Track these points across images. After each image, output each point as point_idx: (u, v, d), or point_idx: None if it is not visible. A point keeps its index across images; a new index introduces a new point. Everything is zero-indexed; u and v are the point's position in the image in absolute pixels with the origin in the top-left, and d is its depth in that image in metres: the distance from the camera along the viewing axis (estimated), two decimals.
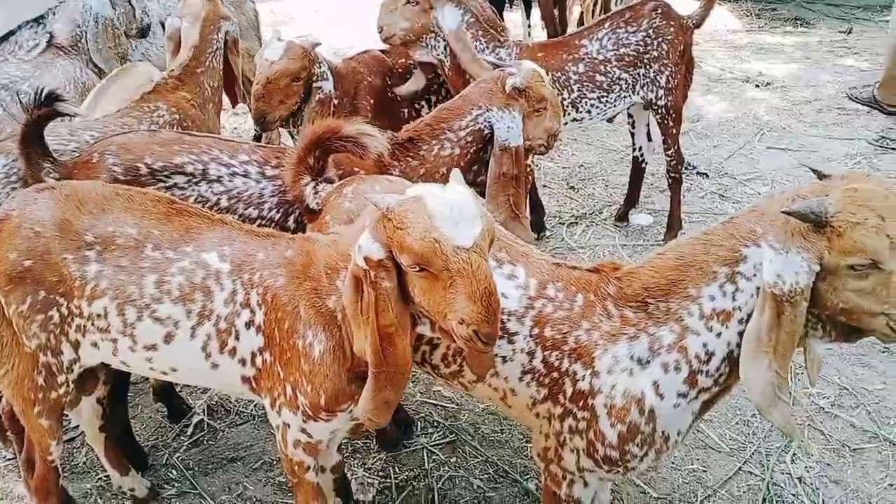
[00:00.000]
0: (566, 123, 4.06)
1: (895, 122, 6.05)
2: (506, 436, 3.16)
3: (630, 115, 4.52)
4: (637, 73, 4.09)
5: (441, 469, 3.01)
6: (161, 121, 3.17)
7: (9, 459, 3.04)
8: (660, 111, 4.19)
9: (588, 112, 4.11)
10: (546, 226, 4.71)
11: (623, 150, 5.77)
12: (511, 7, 8.22)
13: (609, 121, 4.61)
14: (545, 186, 5.26)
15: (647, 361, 1.96)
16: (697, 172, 5.38)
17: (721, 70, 7.41)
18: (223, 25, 3.57)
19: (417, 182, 2.91)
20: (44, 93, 2.51)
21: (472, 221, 1.73)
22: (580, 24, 7.87)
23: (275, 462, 3.00)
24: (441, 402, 3.34)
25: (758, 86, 7.03)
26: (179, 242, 2.18)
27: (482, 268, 1.71)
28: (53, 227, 2.15)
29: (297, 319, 2.05)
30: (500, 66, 3.11)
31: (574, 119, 4.12)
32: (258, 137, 5.23)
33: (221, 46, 3.57)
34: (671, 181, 4.44)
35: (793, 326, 1.80)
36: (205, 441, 3.16)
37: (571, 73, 4.03)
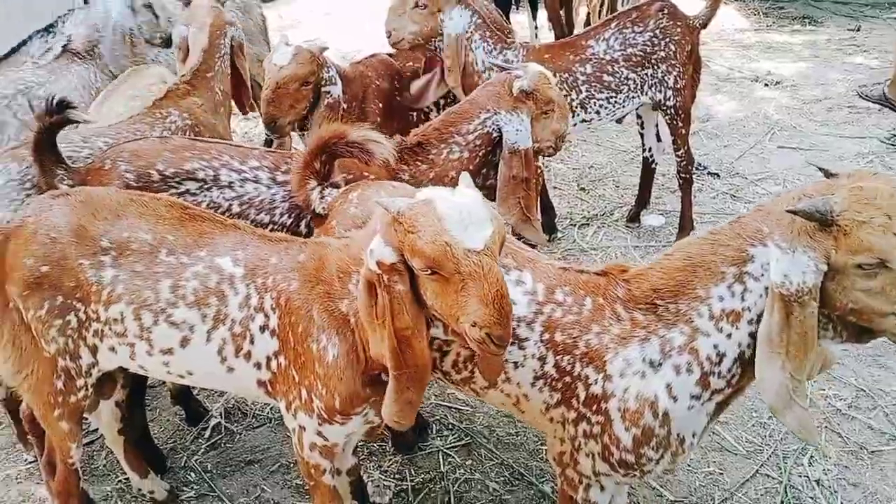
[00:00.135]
0: (575, 125, 4.07)
1: None
2: (521, 438, 3.16)
3: (639, 116, 4.52)
4: (645, 74, 4.09)
5: (457, 472, 3.01)
6: (173, 126, 3.18)
7: (30, 463, 3.06)
8: (668, 112, 4.19)
9: (597, 113, 4.11)
10: (557, 227, 4.71)
11: (633, 151, 5.76)
12: (517, 8, 8.23)
13: (618, 121, 4.62)
14: (555, 188, 5.26)
15: (659, 364, 1.96)
16: (708, 172, 5.37)
17: (730, 69, 7.39)
18: (229, 31, 3.60)
19: (427, 186, 2.94)
20: (55, 100, 2.53)
21: (482, 224, 1.74)
22: (587, 25, 7.88)
23: (292, 465, 3.01)
24: (456, 405, 3.35)
25: (767, 85, 7.01)
26: (193, 247, 2.20)
27: (493, 270, 1.72)
28: (69, 233, 2.18)
29: (311, 323, 2.07)
30: (507, 69, 3.12)
31: (583, 120, 4.12)
32: (269, 142, 5.27)
33: (229, 51, 3.60)
34: (682, 182, 4.43)
35: (803, 327, 1.79)
36: (222, 444, 3.18)
37: (579, 74, 4.03)
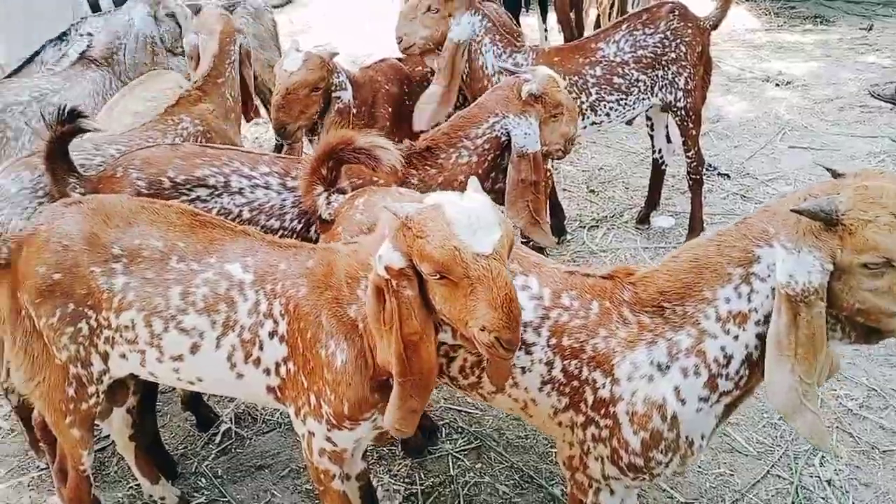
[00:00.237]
0: (585, 127, 4.06)
1: None
2: (530, 441, 3.16)
3: (648, 118, 4.51)
4: (655, 75, 4.08)
5: (466, 475, 3.01)
6: (185, 133, 3.20)
7: (42, 470, 3.09)
8: (679, 113, 4.18)
9: (607, 115, 4.11)
10: (567, 230, 4.70)
11: (643, 153, 5.74)
12: (527, 11, 8.23)
13: (628, 123, 4.61)
14: (565, 190, 5.25)
15: (667, 367, 1.95)
16: (719, 173, 5.35)
17: (740, 70, 7.36)
18: (238, 38, 3.62)
19: (436, 190, 2.94)
20: (67, 110, 2.55)
21: (491, 228, 1.75)
22: (597, 27, 7.87)
23: (302, 470, 3.02)
24: (465, 408, 3.34)
25: (778, 85, 6.98)
26: (203, 254, 2.20)
27: (502, 274, 1.72)
28: (81, 241, 2.19)
29: (320, 329, 2.07)
30: (516, 73, 3.12)
31: (593, 122, 4.11)
32: (280, 147, 5.29)
33: (238, 58, 3.61)
34: (692, 183, 4.42)
35: (811, 328, 1.78)
36: (233, 449, 3.19)
37: (588, 77, 4.03)
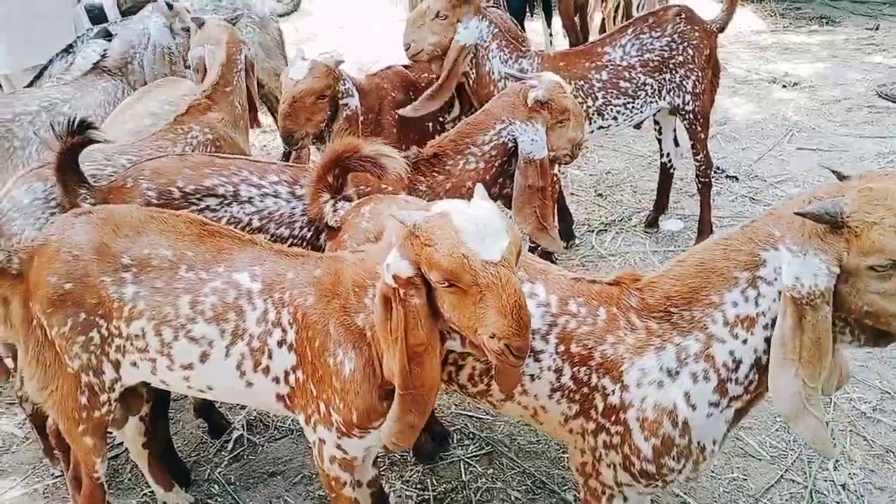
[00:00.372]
0: (592, 131, 4.07)
1: None
2: (542, 447, 3.15)
3: (656, 122, 4.51)
4: (663, 79, 4.08)
5: (478, 481, 3.01)
6: (195, 141, 3.22)
7: (56, 477, 3.10)
8: (687, 116, 4.18)
9: (614, 119, 4.11)
10: (575, 234, 4.70)
11: (650, 156, 5.74)
12: (532, 16, 8.23)
13: (636, 127, 4.60)
14: (573, 194, 5.25)
15: (676, 372, 1.95)
16: (727, 176, 5.34)
17: (747, 71, 7.35)
18: (243, 48, 3.65)
19: (444, 196, 2.96)
20: (77, 121, 2.57)
21: (499, 235, 1.75)
22: (602, 31, 7.88)
23: (314, 476, 3.02)
24: (476, 414, 3.34)
25: (785, 86, 6.97)
26: (212, 263, 2.21)
27: (511, 281, 1.72)
28: (91, 251, 2.20)
29: (328, 337, 2.08)
30: (522, 79, 3.13)
31: (600, 126, 4.11)
32: (287, 155, 5.31)
33: (244, 68, 3.64)
34: (701, 186, 4.41)
35: (816, 331, 1.77)
36: (245, 456, 3.20)
37: (595, 81, 4.03)
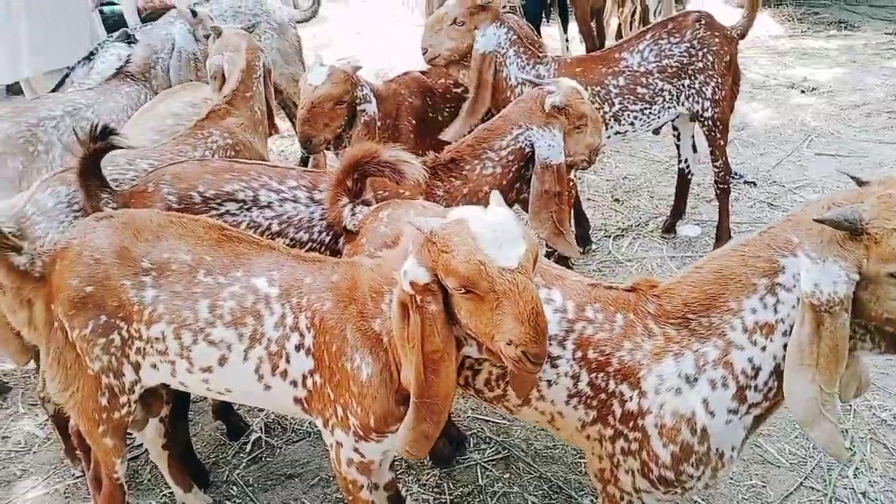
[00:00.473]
0: (609, 137, 4.06)
1: None
2: (559, 452, 3.15)
3: (675, 128, 4.50)
4: (681, 85, 4.07)
5: (495, 485, 3.01)
6: (215, 146, 3.25)
7: (77, 478, 3.14)
8: (706, 123, 4.16)
9: (631, 124, 4.10)
10: (592, 239, 4.70)
11: (667, 161, 5.73)
12: (548, 22, 8.25)
13: (655, 132, 4.59)
14: (589, 199, 5.25)
15: (695, 379, 1.94)
16: (745, 181, 5.32)
17: (765, 76, 7.32)
18: (260, 54, 3.69)
19: (461, 201, 2.97)
20: (99, 127, 2.61)
21: (516, 242, 1.75)
22: (618, 37, 7.89)
23: (331, 479, 3.04)
24: (492, 418, 3.34)
25: (803, 91, 6.93)
26: (230, 268, 2.23)
27: (528, 288, 1.72)
28: (112, 255, 2.23)
29: (345, 342, 2.09)
30: (539, 85, 3.13)
31: (617, 132, 4.11)
32: (305, 160, 5.35)
33: (262, 74, 3.67)
34: (719, 192, 4.40)
35: (834, 339, 1.76)
36: (263, 458, 3.22)
37: (612, 87, 4.03)
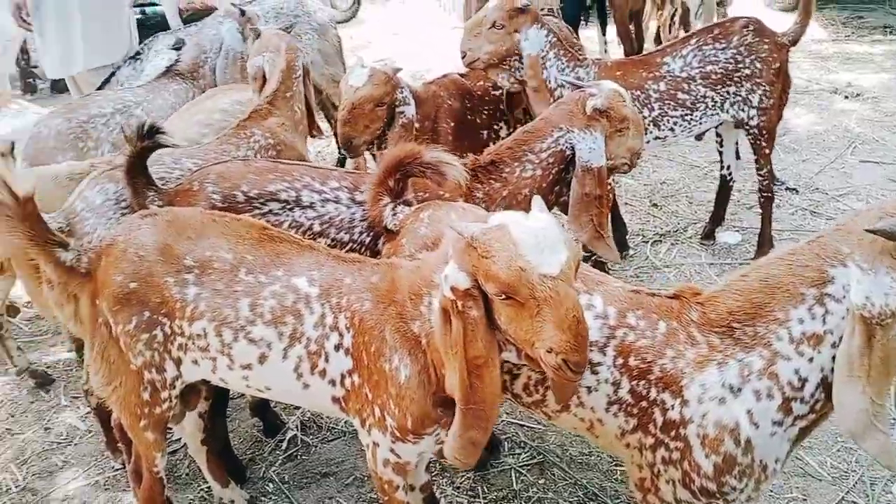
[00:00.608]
0: (648, 142, 4.02)
1: None
2: (594, 458, 3.12)
3: (718, 135, 4.43)
4: (726, 91, 4.00)
5: (529, 490, 2.99)
6: (257, 146, 3.28)
7: (116, 470, 3.20)
8: (752, 131, 4.09)
9: (671, 130, 4.06)
10: (629, 244, 4.66)
11: (706, 167, 5.66)
12: (586, 24, 8.22)
13: (697, 138, 4.52)
14: (627, 204, 5.20)
15: (739, 389, 1.91)
16: (787, 188, 5.22)
17: (808, 81, 7.20)
18: (300, 54, 3.71)
19: (500, 203, 2.96)
20: (147, 125, 2.66)
21: (557, 248, 1.73)
22: (657, 39, 7.82)
23: (366, 478, 3.05)
24: (528, 423, 3.32)
25: (847, 97, 6.80)
26: (271, 267, 2.25)
27: (569, 295, 1.71)
28: (156, 252, 2.26)
29: (383, 343, 2.09)
30: (580, 87, 3.11)
31: (657, 137, 4.07)
32: (342, 161, 5.39)
33: (302, 74, 3.70)
34: (763, 200, 4.33)
35: (886, 351, 1.73)
36: (298, 456, 3.25)
37: (651, 92, 3.99)
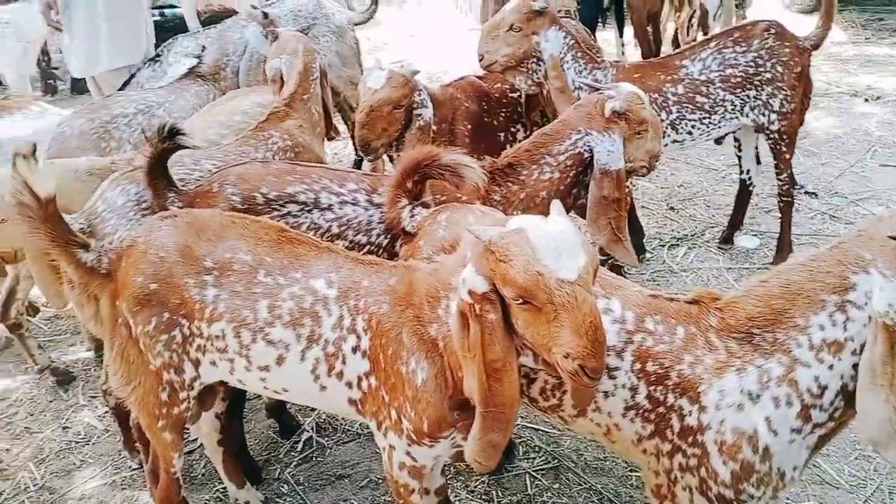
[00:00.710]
0: (666, 145, 4.00)
1: None
2: (609, 464, 3.11)
3: (736, 139, 4.40)
4: (746, 95, 3.98)
5: (544, 495, 2.98)
6: (275, 147, 3.31)
7: (133, 470, 3.22)
8: (772, 136, 4.05)
9: (689, 133, 4.04)
10: (646, 248, 4.63)
11: (724, 170, 5.63)
12: (604, 26, 8.19)
13: (716, 142, 4.49)
14: (644, 207, 5.17)
15: (758, 396, 1.90)
16: (806, 192, 5.18)
17: (827, 84, 7.14)
18: (317, 56, 3.73)
19: (518, 206, 2.96)
20: (168, 127, 2.68)
21: (575, 253, 1.73)
22: (674, 41, 7.79)
23: (381, 481, 3.06)
24: (542, 427, 3.32)
25: (867, 100, 6.75)
26: (289, 269, 2.26)
27: (587, 301, 1.70)
28: (176, 253, 2.28)
29: (401, 346, 2.10)
30: (598, 89, 3.10)
31: (674, 140, 4.05)
32: (358, 163, 5.41)
33: (319, 75, 3.72)
34: (783, 205, 4.29)
35: None
36: (314, 457, 3.26)
37: (669, 94, 3.97)
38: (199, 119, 3.74)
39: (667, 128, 3.96)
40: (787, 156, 4.12)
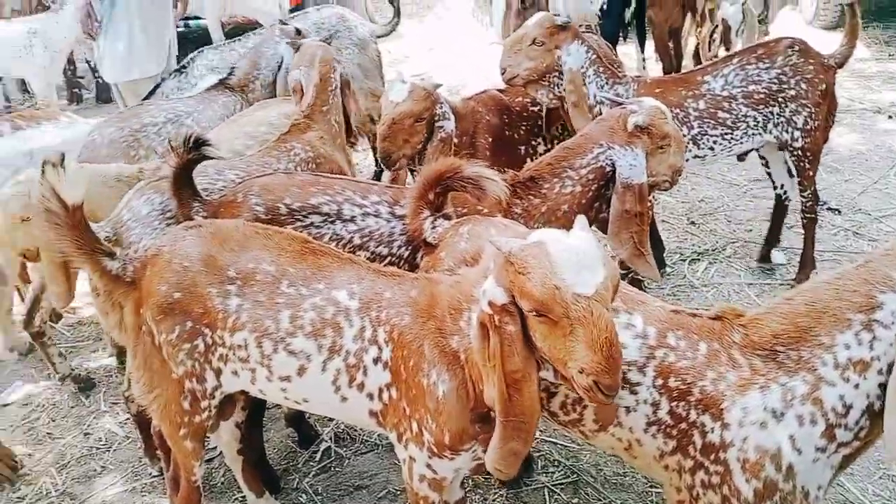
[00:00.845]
0: (687, 160, 3.98)
1: None
2: (629, 479, 3.08)
3: (762, 156, 4.37)
4: (769, 112, 3.95)
5: None
6: (297, 159, 3.34)
7: (154, 477, 3.25)
8: (796, 153, 4.02)
9: (710, 149, 4.02)
10: (667, 262, 4.61)
11: (746, 185, 5.59)
12: (625, 40, 8.19)
13: (739, 158, 4.45)
14: (664, 222, 5.15)
15: (781, 414, 1.88)
16: (829, 208, 5.14)
17: (850, 101, 7.08)
18: (337, 66, 3.75)
19: (539, 219, 2.96)
20: (193, 138, 2.71)
21: (595, 268, 1.72)
22: (696, 56, 7.77)
23: (398, 492, 3.05)
24: (561, 441, 3.30)
25: (891, 117, 6.70)
26: (312, 280, 2.27)
27: (603, 317, 1.70)
28: (199, 263, 2.30)
29: (422, 358, 2.10)
30: (621, 104, 3.10)
31: (696, 156, 4.04)
32: (378, 174, 5.43)
33: (339, 86, 3.74)
34: (806, 221, 4.25)
35: None
36: (332, 468, 3.26)
37: (691, 110, 3.96)
38: (226, 129, 3.79)
39: (688, 143, 3.95)
40: (811, 173, 4.08)
